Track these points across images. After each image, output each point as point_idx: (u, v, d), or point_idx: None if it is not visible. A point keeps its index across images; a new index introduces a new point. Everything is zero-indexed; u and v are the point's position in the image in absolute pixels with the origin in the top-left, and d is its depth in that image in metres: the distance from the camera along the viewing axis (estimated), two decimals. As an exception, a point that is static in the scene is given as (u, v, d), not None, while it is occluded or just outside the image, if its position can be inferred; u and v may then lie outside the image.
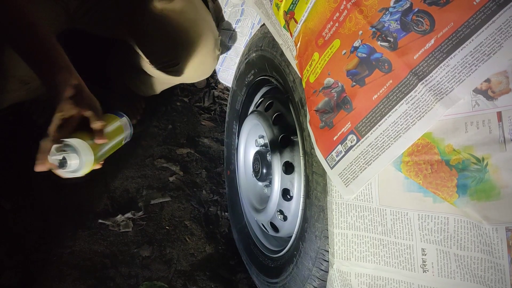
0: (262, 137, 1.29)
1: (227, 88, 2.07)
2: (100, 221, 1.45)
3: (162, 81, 1.49)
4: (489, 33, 0.60)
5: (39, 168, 0.83)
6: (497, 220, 0.60)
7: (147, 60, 1.33)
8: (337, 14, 0.78)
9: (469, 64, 0.61)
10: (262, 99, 1.32)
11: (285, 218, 1.15)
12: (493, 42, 0.60)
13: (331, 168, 0.77)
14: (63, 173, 0.84)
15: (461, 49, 0.62)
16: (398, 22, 0.68)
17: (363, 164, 0.71)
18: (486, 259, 0.62)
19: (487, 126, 0.61)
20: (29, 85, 1.20)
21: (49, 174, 1.00)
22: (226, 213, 1.61)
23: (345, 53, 0.75)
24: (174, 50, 1.28)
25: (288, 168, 1.12)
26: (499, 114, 0.60)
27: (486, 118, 0.61)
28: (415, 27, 0.66)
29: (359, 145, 0.71)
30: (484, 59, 0.60)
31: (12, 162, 1.47)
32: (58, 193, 1.45)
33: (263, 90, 1.35)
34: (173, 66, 1.31)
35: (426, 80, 0.64)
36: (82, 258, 1.35)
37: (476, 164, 0.61)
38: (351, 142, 0.73)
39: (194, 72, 1.35)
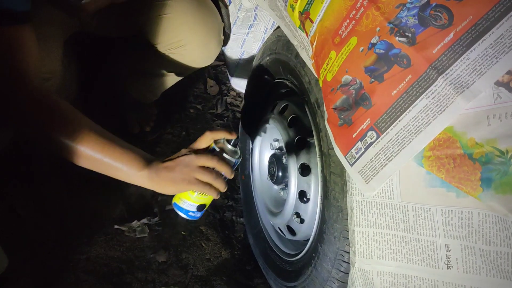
0: (277, 140, 1.29)
1: (239, 95, 2.08)
2: (116, 227, 1.45)
3: (168, 71, 1.53)
4: (510, 25, 0.59)
5: None
6: (524, 213, 0.59)
7: (156, 47, 1.40)
8: (354, 12, 0.78)
9: (489, 56, 0.61)
10: (277, 102, 1.32)
11: (302, 221, 1.15)
12: (514, 33, 0.59)
13: (351, 165, 0.76)
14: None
15: (481, 42, 0.61)
16: (416, 17, 0.68)
17: (383, 160, 0.71)
18: (513, 254, 0.61)
19: (510, 119, 0.60)
20: (50, 82, 1.21)
21: (64, 180, 1.00)
22: (241, 219, 1.60)
23: (362, 50, 0.75)
24: (180, 32, 1.35)
25: (305, 170, 1.11)
26: (522, 106, 0.60)
27: (509, 110, 0.60)
28: (433, 22, 0.66)
29: (379, 141, 0.71)
30: (505, 51, 0.60)
31: (28, 170, 1.48)
32: (73, 200, 1.46)
33: (278, 93, 1.35)
34: (179, 47, 1.38)
35: (446, 74, 0.63)
36: (98, 264, 1.36)
37: (500, 156, 0.60)
38: (371, 139, 0.72)
39: (199, 53, 1.42)
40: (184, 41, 1.37)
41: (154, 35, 1.38)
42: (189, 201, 1.03)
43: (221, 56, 1.67)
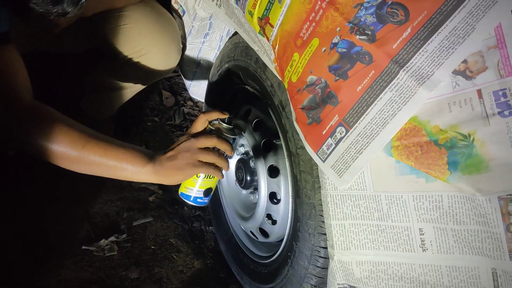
0: (242, 145, 1.30)
1: (196, 104, 2.08)
2: (83, 247, 1.41)
3: (128, 83, 1.52)
4: (462, 17, 0.64)
5: None
6: (489, 191, 0.63)
7: (116, 58, 1.39)
8: (313, 14, 0.81)
9: (446, 47, 0.65)
10: (239, 107, 1.34)
11: (274, 222, 1.16)
12: (466, 25, 0.64)
13: (323, 161, 0.79)
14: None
15: (437, 35, 0.65)
16: (374, 15, 0.71)
17: (354, 153, 0.74)
18: (482, 230, 0.65)
19: (469, 104, 0.65)
20: None
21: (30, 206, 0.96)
22: (210, 227, 1.60)
23: (325, 50, 0.78)
24: (141, 41, 1.36)
25: (273, 172, 1.13)
26: (479, 92, 0.64)
27: (467, 97, 0.65)
28: (390, 19, 0.70)
29: (349, 135, 0.74)
30: (459, 41, 0.64)
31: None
32: (39, 224, 1.42)
33: (240, 99, 1.37)
34: (140, 56, 1.39)
35: (407, 67, 0.67)
36: (69, 286, 1.32)
37: (463, 140, 0.64)
38: (341, 134, 0.75)
39: (160, 61, 1.43)
40: (145, 50, 1.37)
41: (114, 46, 1.37)
42: (195, 188, 1.05)
43: (176, 67, 1.67)
